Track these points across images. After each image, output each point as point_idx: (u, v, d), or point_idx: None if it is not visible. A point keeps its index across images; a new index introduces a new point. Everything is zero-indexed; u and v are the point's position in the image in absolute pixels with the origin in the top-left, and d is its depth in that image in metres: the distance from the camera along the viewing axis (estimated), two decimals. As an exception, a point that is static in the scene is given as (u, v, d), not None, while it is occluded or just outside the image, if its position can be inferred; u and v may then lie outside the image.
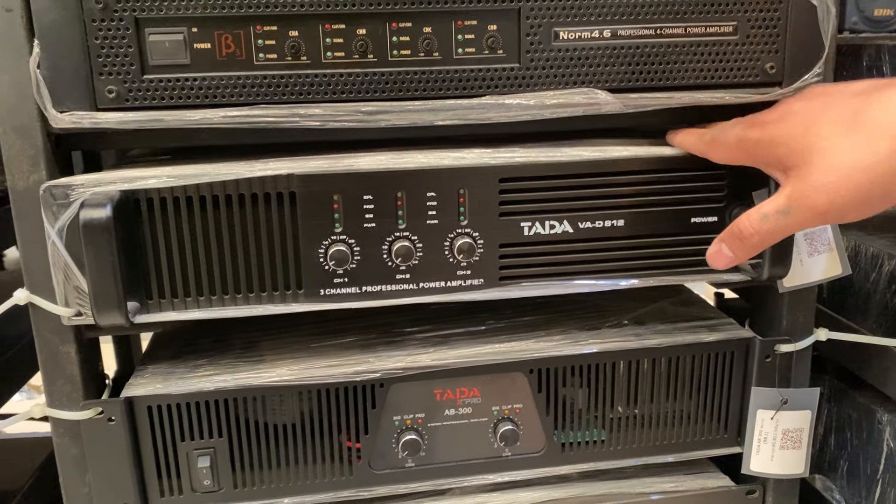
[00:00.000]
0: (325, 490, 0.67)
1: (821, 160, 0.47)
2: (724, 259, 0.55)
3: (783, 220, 0.50)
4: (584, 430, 0.71)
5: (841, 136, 0.47)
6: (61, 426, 0.62)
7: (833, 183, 0.46)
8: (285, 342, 0.70)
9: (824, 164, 0.47)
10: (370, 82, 0.58)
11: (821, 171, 0.47)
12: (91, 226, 0.54)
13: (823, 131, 0.48)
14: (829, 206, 0.47)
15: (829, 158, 0.47)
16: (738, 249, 0.54)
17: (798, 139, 0.49)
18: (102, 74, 0.55)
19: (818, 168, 0.47)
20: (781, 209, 0.50)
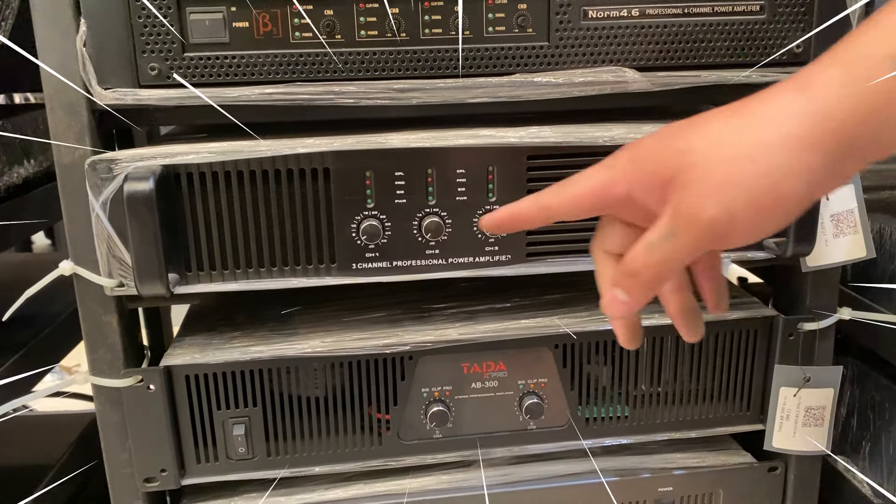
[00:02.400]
0: (354, 459, 0.69)
1: (702, 157, 0.40)
2: (620, 306, 0.45)
3: (670, 244, 0.41)
4: (608, 406, 0.72)
5: (721, 129, 0.41)
6: (103, 394, 0.65)
7: (719, 180, 0.40)
8: (317, 316, 0.72)
9: (707, 160, 0.40)
10: (402, 60, 0.60)
11: (703, 169, 0.40)
12: (135, 198, 0.56)
13: (705, 129, 0.42)
14: (717, 211, 0.39)
15: (713, 152, 0.40)
16: (632, 290, 0.44)
17: (676, 140, 0.42)
18: (145, 52, 0.57)
19: (700, 166, 0.40)
20: (666, 232, 0.41)
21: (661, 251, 0.42)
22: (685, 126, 0.43)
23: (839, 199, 0.67)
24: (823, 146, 0.39)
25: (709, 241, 0.41)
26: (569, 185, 0.47)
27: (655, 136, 0.44)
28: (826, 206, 0.67)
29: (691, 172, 0.40)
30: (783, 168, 0.39)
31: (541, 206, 0.48)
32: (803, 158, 0.39)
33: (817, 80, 0.39)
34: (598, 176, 0.45)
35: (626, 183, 0.44)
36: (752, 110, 0.40)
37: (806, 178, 0.39)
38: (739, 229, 0.40)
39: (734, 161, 0.39)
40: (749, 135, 0.39)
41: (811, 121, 0.38)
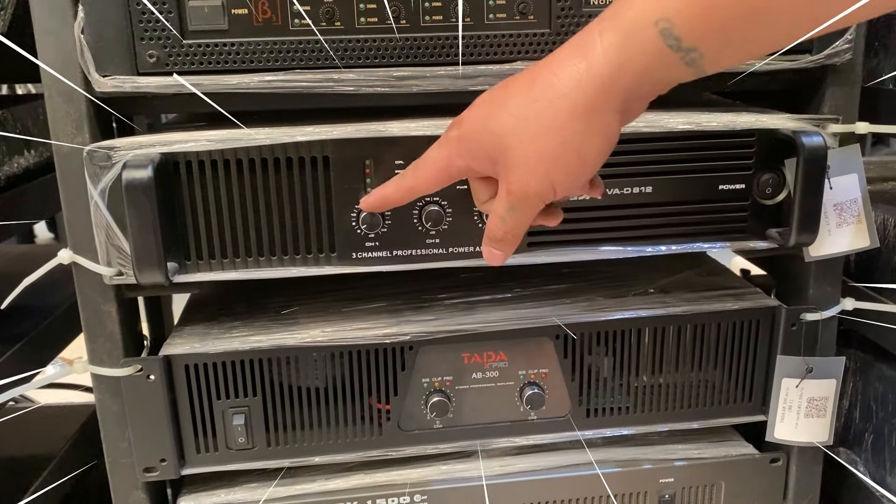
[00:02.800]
0: (355, 449, 0.69)
1: (515, 140, 0.47)
2: (496, 256, 0.54)
3: (515, 214, 0.49)
4: (609, 397, 0.72)
5: (523, 108, 0.46)
6: (102, 383, 0.65)
7: (533, 159, 0.46)
8: (317, 307, 0.72)
9: (519, 143, 0.47)
10: (402, 48, 0.59)
11: (519, 152, 0.47)
12: (133, 186, 0.55)
13: (511, 107, 0.47)
14: (539, 184, 0.47)
15: (522, 134, 0.46)
16: (502, 247, 0.53)
17: (492, 121, 0.48)
18: (143, 39, 0.57)
19: (516, 150, 0.47)
20: (508, 207, 0.49)
21: (510, 221, 0.50)
22: (495, 100, 0.49)
23: (842, 189, 0.67)
24: (609, 106, 0.45)
25: (541, 204, 0.49)
26: (420, 166, 0.54)
27: (474, 113, 0.50)
28: (829, 195, 0.66)
29: (510, 155, 0.47)
30: (579, 136, 0.45)
31: (403, 189, 0.55)
32: (594, 122, 0.45)
33: (597, 47, 0.44)
34: (439, 156, 0.52)
35: (462, 159, 0.51)
36: (546, 82, 0.46)
37: (601, 136, 0.46)
38: (560, 189, 0.48)
39: (539, 138, 0.46)
40: (546, 111, 0.45)
41: (594, 88, 0.44)
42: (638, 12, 0.42)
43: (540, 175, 0.47)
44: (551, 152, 0.46)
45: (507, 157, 0.48)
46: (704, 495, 0.75)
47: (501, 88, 0.49)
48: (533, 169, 0.47)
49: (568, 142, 0.45)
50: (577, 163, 0.46)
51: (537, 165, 0.47)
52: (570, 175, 0.47)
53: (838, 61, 0.63)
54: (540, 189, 0.48)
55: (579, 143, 0.46)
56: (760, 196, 0.66)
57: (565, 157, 0.46)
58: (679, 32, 0.42)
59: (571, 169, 0.47)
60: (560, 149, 0.46)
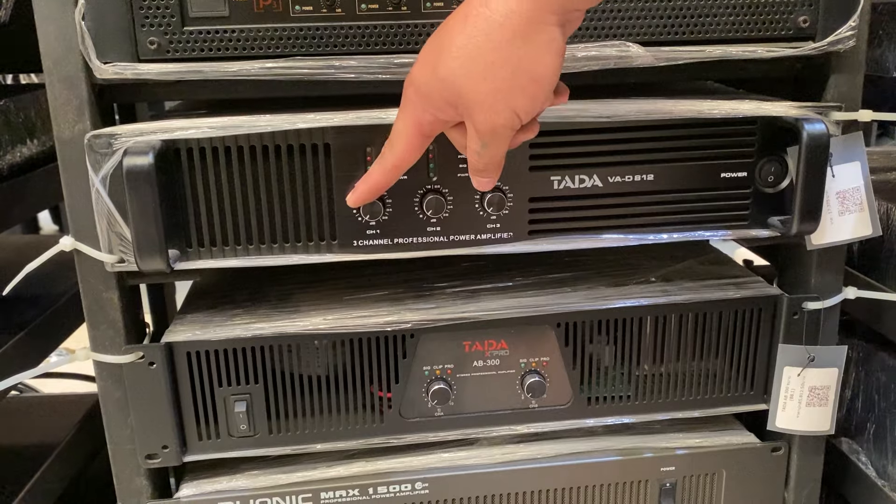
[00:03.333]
0: (356, 437, 0.69)
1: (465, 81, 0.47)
2: (485, 183, 0.54)
3: (489, 149, 0.50)
4: (610, 386, 0.72)
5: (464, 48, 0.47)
6: (104, 370, 0.65)
7: (490, 92, 0.47)
8: (318, 295, 0.72)
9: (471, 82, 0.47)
10: (403, 34, 0.59)
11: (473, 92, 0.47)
12: (134, 172, 0.56)
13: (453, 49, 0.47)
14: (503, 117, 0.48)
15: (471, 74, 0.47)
16: (486, 175, 0.53)
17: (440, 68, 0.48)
18: (144, 26, 0.57)
19: (470, 90, 0.47)
20: (480, 143, 0.50)
21: (486, 154, 0.51)
22: (436, 49, 0.49)
23: (845, 177, 0.67)
24: (547, 21, 0.45)
25: (511, 132, 0.49)
26: (394, 141, 0.54)
27: (421, 68, 0.50)
28: (832, 183, 0.66)
29: (466, 98, 0.48)
30: (526, 59, 0.46)
31: (387, 169, 0.55)
32: (538, 42, 0.46)
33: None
34: (407, 121, 0.53)
35: (426, 113, 0.51)
36: (477, 14, 0.46)
37: (549, 53, 0.46)
38: (525, 113, 0.48)
39: (488, 73, 0.46)
40: (486, 44, 0.46)
41: (527, 8, 0.45)
42: None
43: (500, 108, 0.47)
44: (505, 83, 0.46)
45: (464, 100, 0.48)
46: (706, 484, 0.75)
47: (439, 34, 0.50)
48: (492, 105, 0.47)
49: (518, 68, 0.46)
50: (533, 86, 0.47)
51: (495, 100, 0.47)
52: (530, 98, 0.48)
53: (841, 48, 0.63)
54: (505, 121, 0.48)
55: (530, 66, 0.46)
56: (762, 184, 0.65)
57: (520, 84, 0.47)
58: None
59: (529, 92, 0.47)
60: (512, 77, 0.46)
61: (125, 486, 0.68)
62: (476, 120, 0.49)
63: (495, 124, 0.48)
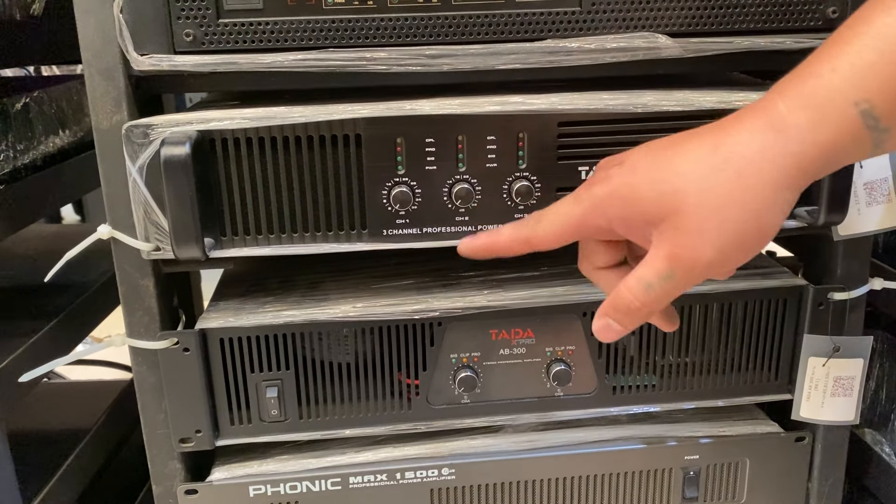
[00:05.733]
0: (384, 423, 0.70)
1: (693, 205, 0.43)
2: (614, 334, 0.49)
3: (668, 284, 0.45)
4: (635, 375, 0.73)
5: (707, 173, 0.44)
6: (140, 355, 0.66)
7: (714, 228, 0.43)
8: (347, 283, 0.73)
9: (699, 207, 0.43)
10: (434, 26, 0.60)
11: (698, 217, 0.43)
12: (171, 162, 0.57)
13: (687, 171, 0.44)
14: (714, 255, 0.44)
15: (703, 200, 0.43)
16: (626, 322, 0.48)
17: (662, 183, 0.44)
18: (180, 18, 0.58)
19: (694, 214, 0.43)
20: (664, 274, 0.45)
21: (659, 290, 0.45)
22: (664, 161, 0.45)
23: (873, 168, 0.67)
24: (797, 184, 0.43)
25: (702, 279, 0.45)
26: (547, 219, 0.50)
27: (632, 169, 0.46)
28: (859, 174, 0.66)
29: (684, 219, 0.44)
30: (766, 209, 0.43)
31: (519, 240, 0.52)
32: (781, 197, 0.43)
33: (790, 120, 0.42)
34: (573, 212, 0.49)
35: (604, 219, 0.47)
36: (731, 150, 0.43)
37: (783, 212, 0.44)
38: (731, 264, 0.45)
39: (725, 208, 0.43)
40: (734, 181, 0.43)
41: (788, 164, 0.42)
42: (836, 92, 0.41)
43: (718, 246, 0.43)
44: (735, 225, 0.43)
45: (678, 221, 0.44)
46: (729, 473, 0.76)
47: (663, 149, 0.46)
48: (712, 238, 0.43)
49: (753, 217, 0.43)
50: (756, 238, 0.44)
51: (718, 236, 0.43)
52: (746, 248, 0.44)
53: (870, 39, 0.63)
54: (713, 260, 0.44)
55: (763, 218, 0.43)
56: (789, 175, 0.66)
57: (747, 231, 0.43)
58: (879, 113, 0.40)
59: (750, 244, 0.44)
60: (744, 223, 0.43)
61: (159, 470, 0.70)
62: (682, 244, 0.44)
63: (702, 258, 0.44)
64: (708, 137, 0.45)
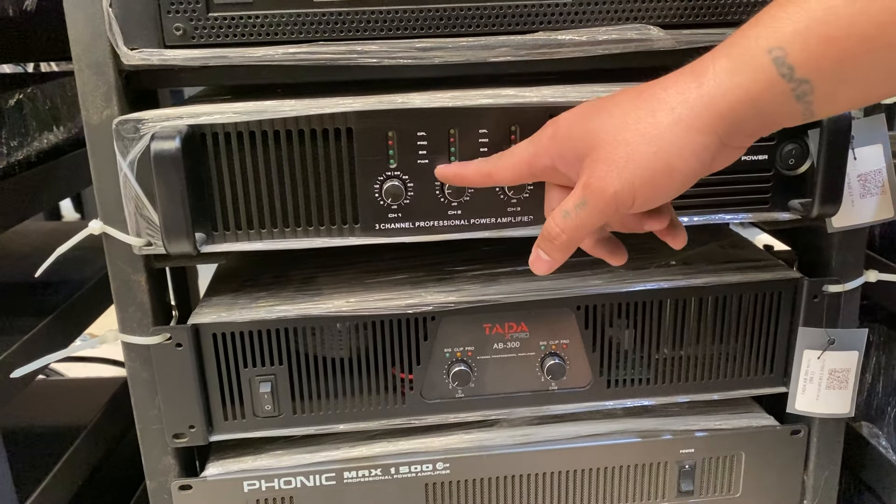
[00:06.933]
0: (378, 417, 0.70)
1: (609, 137, 0.47)
2: (543, 263, 0.53)
3: (582, 212, 0.48)
4: (630, 369, 0.72)
5: (625, 113, 0.47)
6: (133, 351, 0.66)
7: (621, 158, 0.46)
8: (341, 278, 0.73)
9: (612, 140, 0.46)
10: (425, 18, 0.60)
11: (609, 148, 0.46)
12: (161, 156, 0.57)
13: (612, 110, 0.48)
14: (621, 185, 0.46)
15: (617, 134, 0.46)
16: (550, 251, 0.52)
17: (591, 121, 0.48)
18: (170, 12, 0.58)
19: (607, 146, 0.47)
20: (578, 202, 0.48)
21: (575, 218, 0.49)
22: (598, 106, 0.49)
23: (867, 160, 0.67)
24: (712, 128, 0.44)
25: (613, 209, 0.47)
26: (505, 156, 0.55)
27: (573, 114, 0.50)
28: (853, 166, 0.66)
29: (599, 151, 0.47)
30: (673, 148, 0.45)
31: (482, 172, 0.56)
32: (693, 139, 0.44)
33: (709, 68, 0.44)
34: (527, 150, 0.53)
35: (548, 157, 0.52)
36: (653, 94, 0.46)
37: (696, 156, 0.45)
38: (639, 199, 0.47)
39: (633, 142, 0.46)
40: (646, 119, 0.45)
41: (701, 106, 0.44)
42: (751, 40, 0.43)
43: (625, 177, 0.46)
44: (643, 157, 0.45)
45: (595, 153, 0.47)
46: (725, 466, 0.76)
47: (607, 97, 0.50)
48: (619, 168, 0.46)
49: (661, 151, 0.45)
50: (665, 176, 0.46)
51: (625, 166, 0.46)
52: (655, 187, 0.46)
53: (864, 30, 0.62)
54: (620, 190, 0.46)
55: (672, 156, 0.45)
56: (783, 167, 0.65)
57: (655, 167, 0.45)
58: (793, 62, 0.41)
59: (658, 181, 0.46)
60: (652, 157, 0.45)
61: (153, 466, 0.70)
62: (594, 174, 0.47)
63: (609, 187, 0.46)
64: (639, 87, 0.48)
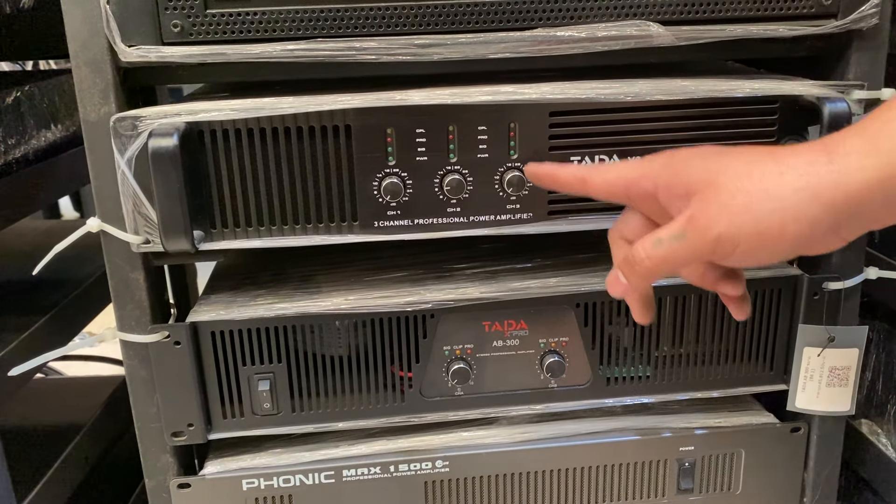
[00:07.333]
0: (377, 416, 0.70)
1: (729, 182, 0.45)
2: (619, 286, 0.51)
3: (676, 244, 0.47)
4: (630, 366, 0.72)
5: (751, 164, 0.46)
6: (131, 349, 0.66)
7: (737, 205, 0.45)
8: (340, 276, 0.73)
9: (732, 185, 0.45)
10: (423, 15, 0.59)
11: (727, 192, 0.45)
12: (159, 154, 0.56)
13: (738, 161, 0.47)
14: (726, 228, 0.45)
15: (739, 182, 0.45)
16: (629, 275, 0.50)
17: (714, 164, 0.47)
18: (168, 9, 0.58)
19: (725, 188, 0.45)
20: (676, 233, 0.47)
21: (666, 248, 0.47)
22: (722, 150, 0.49)
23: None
24: (833, 205, 0.43)
25: (710, 252, 0.46)
26: (607, 168, 0.53)
27: (695, 152, 0.49)
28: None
29: (715, 192, 0.46)
30: (792, 212, 0.44)
31: (579, 177, 0.54)
32: (812, 210, 0.43)
33: (842, 144, 0.44)
34: (633, 169, 0.51)
35: (654, 182, 0.50)
36: (783, 157, 0.45)
37: (809, 227, 0.44)
38: (739, 252, 0.46)
39: (754, 193, 0.45)
40: (773, 176, 0.45)
41: (828, 180, 0.43)
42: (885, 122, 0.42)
43: (734, 224, 0.45)
44: (759, 211, 0.44)
45: (709, 192, 0.46)
46: (724, 464, 0.76)
47: (731, 147, 0.49)
48: (732, 214, 0.45)
49: (780, 211, 0.44)
50: (775, 233, 0.45)
51: (737, 215, 0.45)
52: (760, 242, 0.45)
53: (864, 26, 0.62)
54: (725, 234, 0.45)
55: (789, 219, 0.44)
56: (783, 164, 0.65)
57: (769, 223, 0.44)
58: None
59: (766, 237, 0.45)
60: (768, 213, 0.44)
61: (151, 464, 0.69)
62: (702, 209, 0.46)
63: (715, 227, 0.45)
64: (765, 147, 0.48)
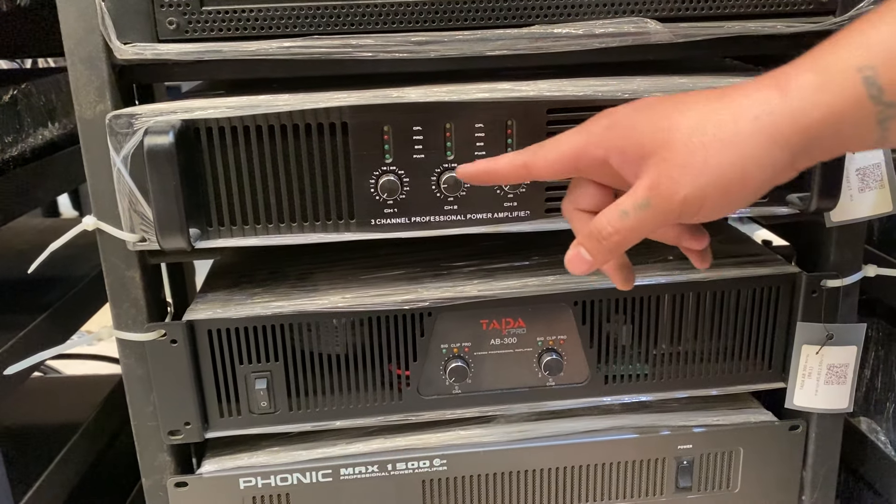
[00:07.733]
0: (375, 414, 0.70)
1: (684, 138, 0.43)
2: (583, 263, 0.49)
3: (643, 213, 0.45)
4: (628, 364, 0.72)
5: (702, 115, 0.44)
6: (127, 347, 0.66)
7: (697, 163, 0.43)
8: (337, 274, 0.73)
9: (688, 143, 0.43)
10: (420, 12, 0.59)
11: (685, 151, 0.43)
12: (154, 152, 0.56)
13: (687, 110, 0.45)
14: (692, 191, 0.43)
15: (693, 137, 0.43)
16: (596, 251, 0.48)
17: (662, 118, 0.45)
18: (163, 6, 0.57)
19: (682, 147, 0.43)
20: (641, 202, 0.45)
21: (634, 219, 0.45)
22: (668, 103, 0.46)
23: (865, 153, 0.66)
24: (789, 143, 0.42)
25: (677, 215, 0.45)
26: (546, 146, 0.50)
27: (636, 108, 0.47)
28: (851, 159, 0.66)
29: (671, 152, 0.44)
30: (752, 158, 0.43)
31: (518, 165, 0.51)
32: (772, 153, 0.43)
33: (794, 81, 0.42)
34: (575, 140, 0.49)
35: (603, 149, 0.47)
36: (733, 99, 0.44)
37: (770, 170, 0.43)
38: (707, 207, 0.44)
39: (710, 147, 0.43)
40: (727, 125, 0.43)
41: (783, 119, 0.42)
42: (841, 58, 0.41)
43: (698, 183, 0.43)
44: (719, 165, 0.43)
45: (666, 153, 0.44)
46: (723, 462, 0.76)
47: (676, 96, 0.47)
48: (694, 174, 0.43)
49: (738, 161, 0.43)
50: (738, 186, 0.43)
51: (700, 173, 0.43)
52: (726, 196, 0.44)
53: (863, 23, 0.62)
54: (690, 197, 0.44)
55: (749, 167, 0.43)
56: (781, 161, 0.65)
57: (731, 176, 0.43)
58: (882, 82, 0.40)
59: (731, 190, 0.44)
60: (729, 166, 0.43)
61: (148, 463, 0.69)
62: (663, 174, 0.44)
63: (678, 192, 0.44)
64: (715, 90, 0.46)
